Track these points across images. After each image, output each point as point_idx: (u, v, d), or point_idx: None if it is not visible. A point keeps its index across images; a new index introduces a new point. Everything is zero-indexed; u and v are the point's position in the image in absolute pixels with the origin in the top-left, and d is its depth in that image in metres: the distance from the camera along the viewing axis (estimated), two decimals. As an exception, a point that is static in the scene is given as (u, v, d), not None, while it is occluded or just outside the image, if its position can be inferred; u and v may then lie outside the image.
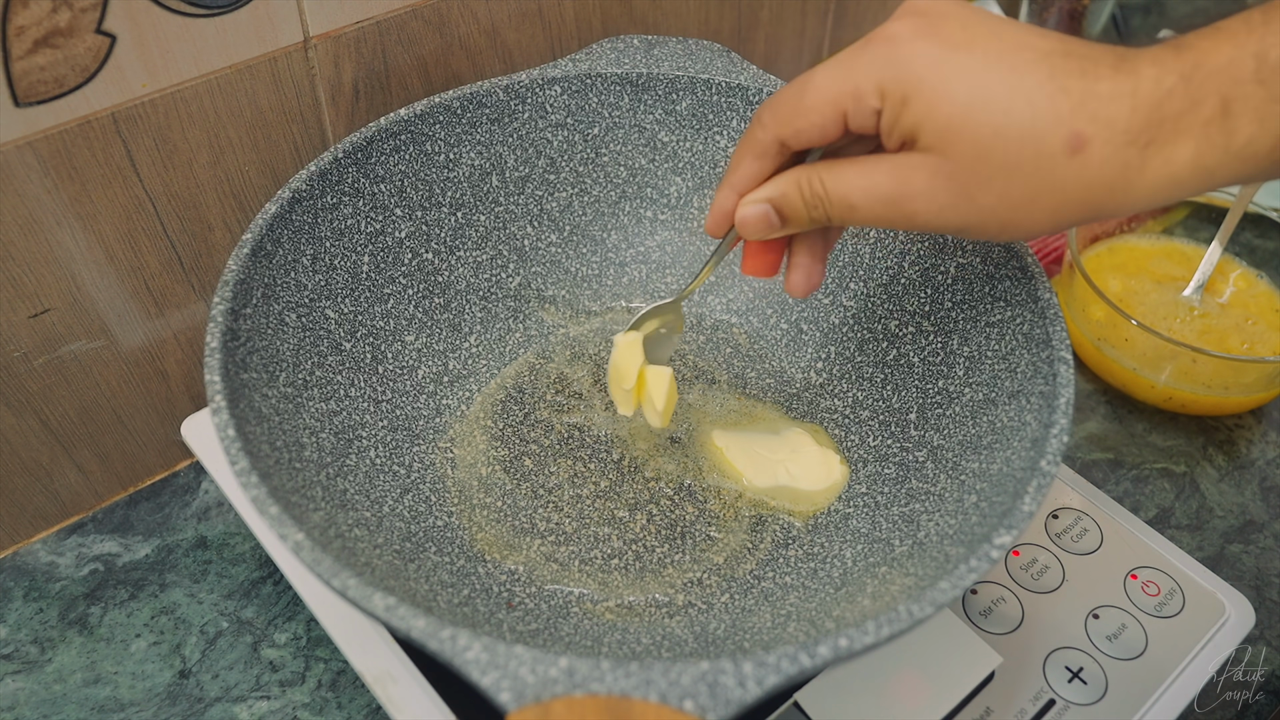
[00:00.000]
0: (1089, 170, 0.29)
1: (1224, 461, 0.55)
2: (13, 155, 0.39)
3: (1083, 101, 0.28)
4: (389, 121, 0.46)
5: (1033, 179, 0.29)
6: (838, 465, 0.46)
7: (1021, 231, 0.31)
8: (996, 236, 0.32)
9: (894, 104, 0.30)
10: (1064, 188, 0.29)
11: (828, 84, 0.32)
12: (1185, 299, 0.59)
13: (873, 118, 0.31)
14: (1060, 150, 0.29)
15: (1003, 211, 0.30)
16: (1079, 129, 0.29)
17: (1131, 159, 0.29)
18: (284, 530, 0.31)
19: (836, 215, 0.34)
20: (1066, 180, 0.29)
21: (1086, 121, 0.28)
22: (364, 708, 0.44)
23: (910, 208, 0.31)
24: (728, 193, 0.37)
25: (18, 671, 0.45)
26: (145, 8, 0.40)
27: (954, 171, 0.30)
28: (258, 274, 0.40)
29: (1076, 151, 0.29)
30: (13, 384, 0.45)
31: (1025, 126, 0.29)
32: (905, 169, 0.31)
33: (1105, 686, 0.41)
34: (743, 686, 0.27)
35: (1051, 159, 0.29)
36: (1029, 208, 0.30)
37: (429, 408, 0.48)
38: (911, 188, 0.31)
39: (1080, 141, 0.29)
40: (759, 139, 0.35)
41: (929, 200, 0.31)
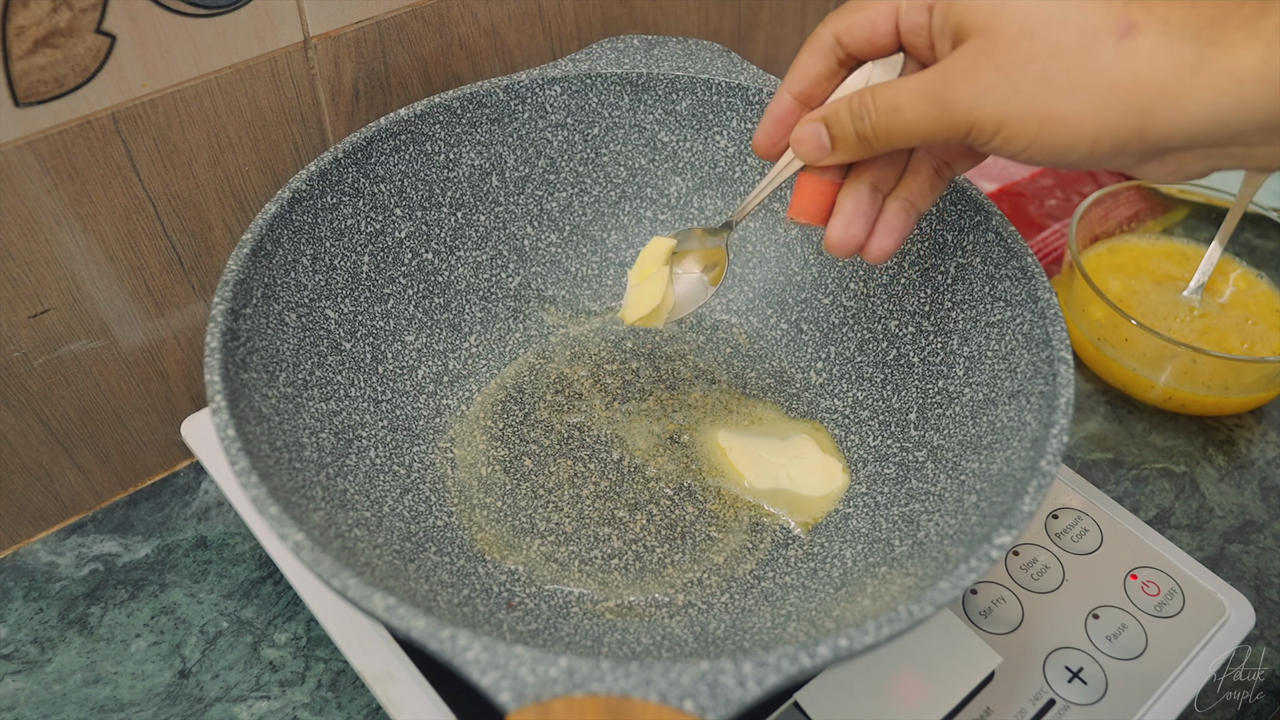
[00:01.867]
0: (1139, 59, 0.27)
1: (1224, 461, 0.55)
2: (13, 155, 0.39)
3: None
4: (389, 121, 0.46)
5: (1077, 61, 0.28)
6: (839, 473, 0.46)
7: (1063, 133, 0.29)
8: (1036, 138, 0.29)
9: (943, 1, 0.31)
10: (1109, 74, 0.27)
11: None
12: (1185, 299, 0.59)
13: (924, 14, 0.32)
14: (1108, 32, 0.27)
15: (1043, 98, 0.28)
16: (1130, 16, 0.27)
17: (1187, 55, 0.27)
18: (284, 530, 0.31)
19: (882, 125, 0.33)
20: (1113, 66, 0.27)
21: (1140, 10, 0.27)
22: (364, 708, 0.44)
23: (952, 95, 0.30)
24: (782, 94, 0.36)
25: (18, 671, 0.45)
26: (145, 8, 0.40)
27: (996, 48, 0.29)
28: (258, 274, 0.40)
29: (1125, 35, 0.27)
30: (13, 384, 0.45)
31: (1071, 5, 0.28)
32: (950, 60, 0.31)
33: (1105, 686, 0.41)
34: (743, 686, 0.27)
35: (1098, 40, 0.27)
36: (1070, 96, 0.28)
37: (429, 408, 0.48)
38: (954, 73, 0.30)
39: (1130, 25, 0.27)
40: (818, 35, 0.35)
41: (971, 82, 0.30)
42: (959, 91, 0.30)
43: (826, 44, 0.35)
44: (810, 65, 0.36)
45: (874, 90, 0.33)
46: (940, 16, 0.31)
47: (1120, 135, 0.28)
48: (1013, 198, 0.70)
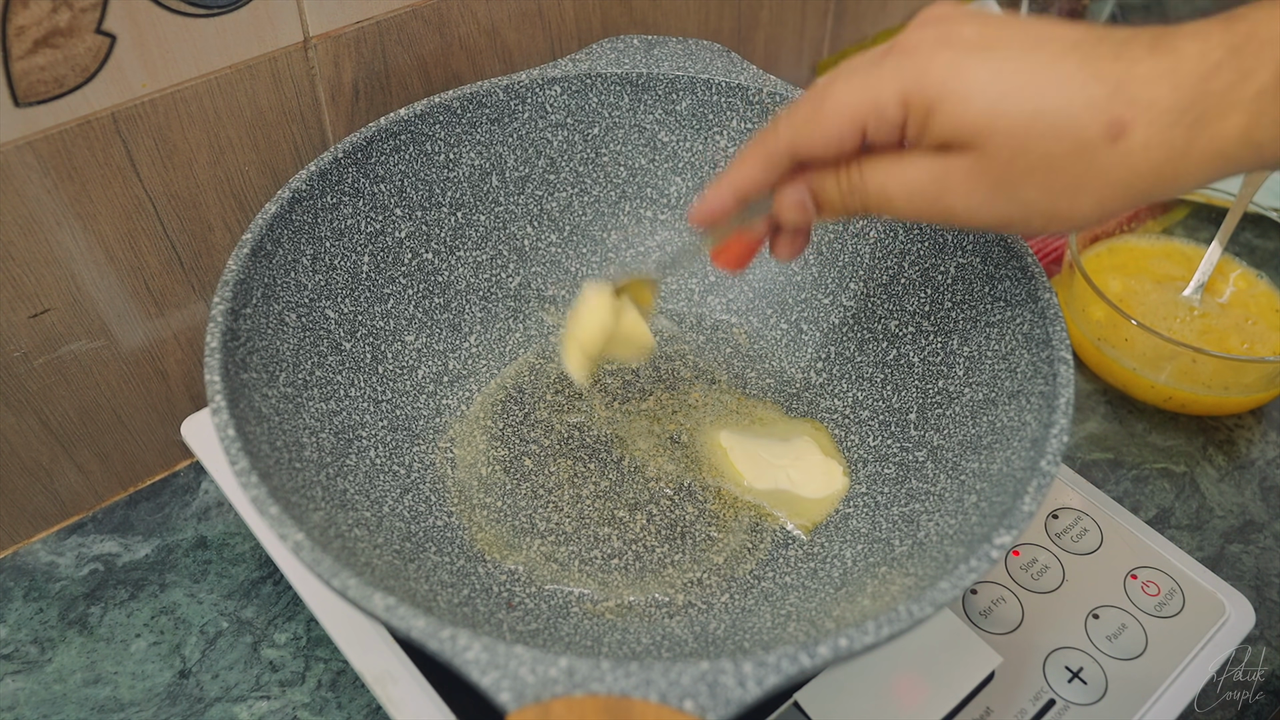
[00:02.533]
0: (1133, 156, 0.28)
1: (1224, 461, 0.55)
2: (13, 155, 0.39)
3: (1120, 86, 0.27)
4: (389, 121, 0.46)
5: (1074, 169, 0.28)
6: (839, 475, 0.46)
7: (1067, 223, 0.30)
8: (1042, 230, 0.30)
9: (919, 114, 0.30)
10: (1109, 176, 0.28)
11: (847, 96, 0.31)
12: (1185, 299, 0.59)
13: (896, 130, 0.31)
14: (1100, 138, 0.28)
15: (1045, 204, 0.29)
16: (1118, 114, 0.27)
17: (1177, 139, 0.27)
18: (284, 530, 0.31)
19: (874, 207, 0.33)
20: (1111, 168, 0.28)
21: (1125, 106, 0.27)
22: (364, 708, 0.44)
23: (948, 204, 0.30)
24: (727, 193, 0.35)
25: (18, 671, 0.45)
26: (145, 8, 0.40)
27: (991, 167, 0.29)
28: (258, 274, 0.40)
29: (1118, 138, 0.27)
30: (13, 384, 0.45)
31: (1060, 116, 0.28)
32: (942, 167, 0.30)
33: (1105, 686, 0.41)
34: (743, 686, 0.27)
35: (1092, 148, 0.28)
36: (1073, 198, 0.29)
37: (429, 408, 0.48)
38: (949, 184, 0.30)
39: (1121, 127, 0.27)
40: (771, 147, 0.33)
41: (967, 196, 0.30)
42: (956, 204, 0.30)
43: (782, 159, 0.34)
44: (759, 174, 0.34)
45: (864, 172, 0.32)
46: (917, 129, 0.30)
47: (1120, 210, 0.29)
48: (1013, 198, 0.70)
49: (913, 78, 0.29)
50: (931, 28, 0.30)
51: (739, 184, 0.35)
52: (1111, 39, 0.28)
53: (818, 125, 0.32)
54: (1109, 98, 0.27)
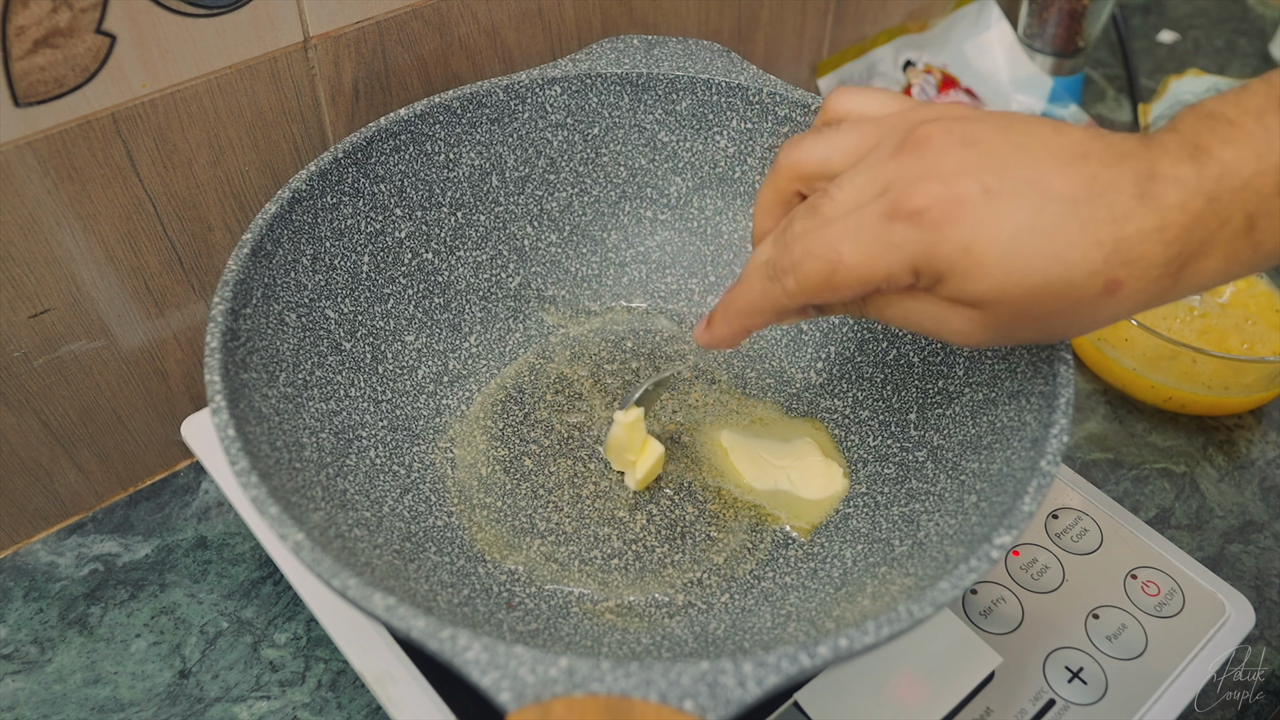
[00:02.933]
0: (1125, 303, 0.30)
1: (1224, 461, 0.55)
2: (13, 155, 0.39)
3: (1115, 249, 0.29)
4: (389, 121, 0.46)
5: (1070, 319, 0.31)
6: (839, 477, 0.46)
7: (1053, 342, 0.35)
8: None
9: (928, 279, 0.31)
10: (1098, 319, 0.31)
11: (858, 265, 0.31)
12: (1185, 299, 0.59)
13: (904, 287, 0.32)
14: (1099, 295, 0.29)
15: (1039, 338, 0.32)
16: (1114, 276, 0.29)
17: (1164, 284, 0.29)
18: (284, 530, 0.31)
19: (870, 317, 0.35)
20: (1102, 315, 0.30)
21: (1120, 267, 0.29)
22: (364, 708, 0.44)
23: (945, 337, 0.33)
24: (739, 330, 0.37)
25: (18, 671, 0.45)
26: (145, 8, 0.40)
27: (992, 321, 0.31)
28: (258, 274, 0.40)
29: (1113, 294, 0.29)
30: (13, 384, 0.45)
31: (1063, 285, 0.29)
32: (944, 313, 0.32)
33: (1105, 686, 0.41)
34: (743, 686, 0.27)
35: (1091, 304, 0.30)
36: (1064, 331, 0.32)
37: (429, 408, 0.48)
38: (948, 326, 0.32)
39: (1116, 285, 0.29)
40: (784, 304, 0.34)
41: (964, 338, 0.32)
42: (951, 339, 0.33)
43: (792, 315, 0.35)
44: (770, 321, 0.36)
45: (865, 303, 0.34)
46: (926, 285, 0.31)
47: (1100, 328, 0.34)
48: (1013, 198, 0.70)
49: (923, 253, 0.30)
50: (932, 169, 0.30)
51: (752, 327, 0.37)
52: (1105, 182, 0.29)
53: (832, 291, 0.32)
54: (1106, 262, 0.29)
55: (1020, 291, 0.30)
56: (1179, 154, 0.29)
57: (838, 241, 0.32)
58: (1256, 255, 0.29)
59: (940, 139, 0.31)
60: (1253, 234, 0.29)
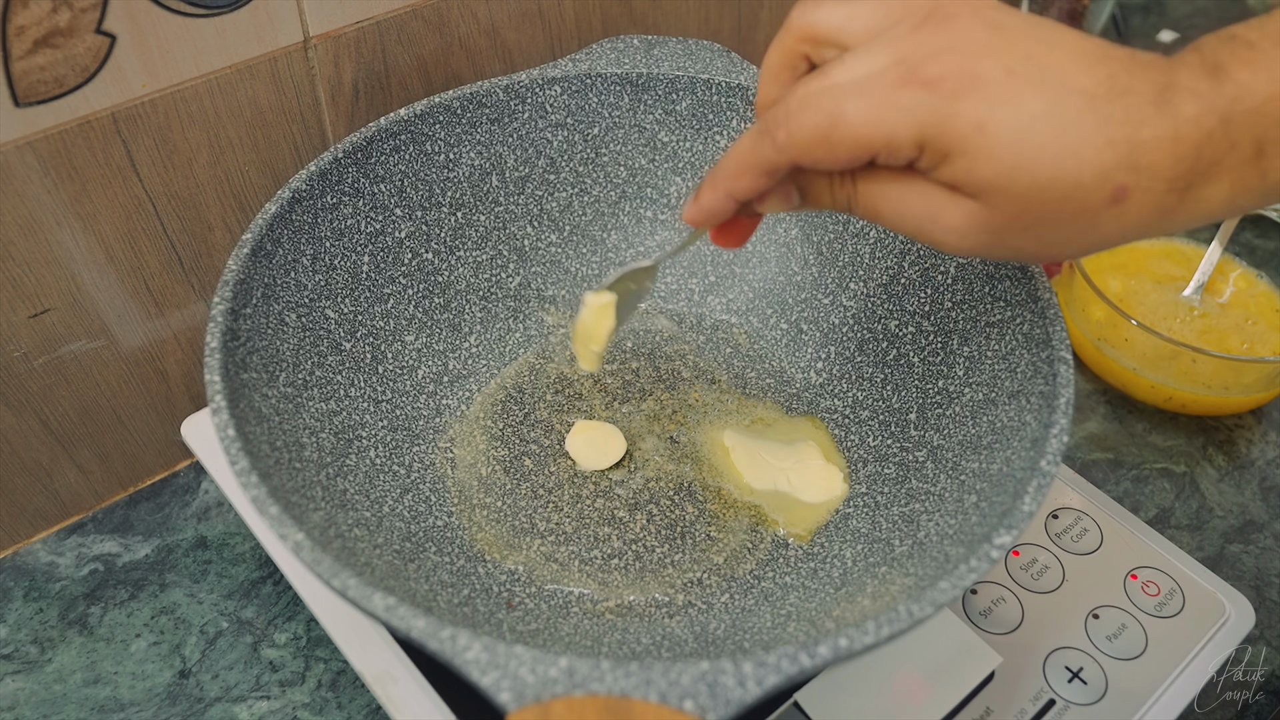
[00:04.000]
0: (1127, 217, 0.29)
1: (1224, 461, 0.55)
2: (13, 155, 0.39)
3: (1128, 153, 0.28)
4: (389, 121, 0.46)
5: (1070, 227, 0.29)
6: (839, 482, 0.46)
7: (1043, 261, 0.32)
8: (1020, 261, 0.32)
9: (933, 156, 0.29)
10: (1100, 232, 0.30)
11: (860, 123, 0.29)
12: (1185, 299, 0.59)
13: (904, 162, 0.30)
14: (1104, 203, 0.28)
15: (1032, 250, 0.31)
16: (1122, 182, 0.28)
17: (1169, 203, 0.29)
18: (284, 530, 0.31)
19: (859, 212, 0.33)
20: (1103, 226, 0.29)
21: (1129, 173, 0.28)
22: (364, 708, 0.44)
23: (937, 236, 0.31)
24: (724, 198, 0.34)
25: (18, 671, 0.45)
26: (145, 8, 0.40)
27: (992, 219, 0.30)
28: (258, 274, 0.40)
29: (1118, 202, 0.28)
30: (13, 384, 0.45)
31: (1071, 184, 0.28)
32: (940, 201, 0.30)
33: (1105, 686, 0.41)
34: (743, 686, 0.27)
35: (1095, 211, 0.29)
36: (1061, 248, 0.30)
37: (429, 408, 0.48)
38: (943, 220, 0.30)
39: (1123, 193, 0.28)
40: (773, 161, 0.32)
41: (959, 236, 0.30)
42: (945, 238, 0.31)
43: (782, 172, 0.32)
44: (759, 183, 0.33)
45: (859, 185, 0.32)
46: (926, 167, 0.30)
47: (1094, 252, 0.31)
48: (1013, 198, 0.70)
49: (934, 123, 0.28)
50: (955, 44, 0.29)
51: (737, 191, 0.34)
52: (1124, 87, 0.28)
53: (826, 149, 0.30)
54: (1117, 165, 0.28)
55: (1027, 183, 0.28)
56: (1199, 70, 0.28)
57: (842, 98, 0.30)
58: (1264, 185, 0.29)
59: (967, 18, 0.29)
60: (1261, 161, 0.28)
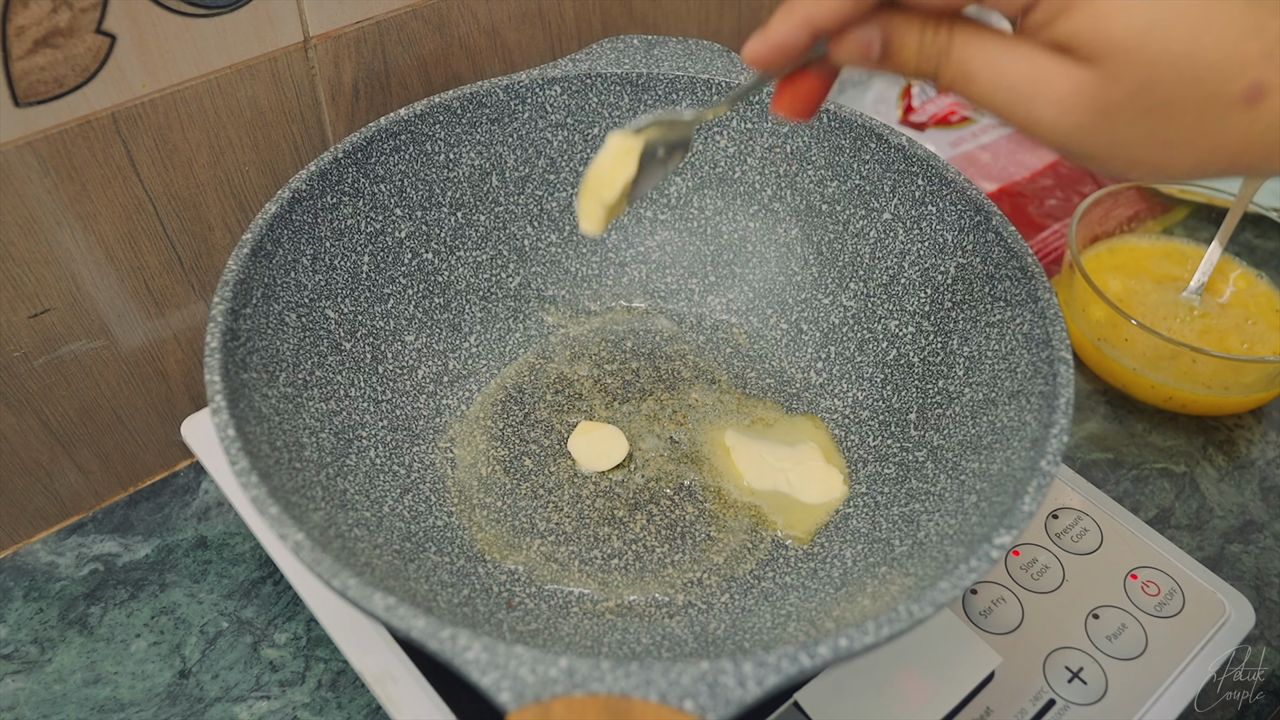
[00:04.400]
0: (1259, 124, 0.25)
1: (1224, 461, 0.55)
2: (13, 155, 0.39)
3: (1276, 46, 0.25)
4: (389, 121, 0.46)
5: (1195, 122, 0.26)
6: (839, 485, 0.46)
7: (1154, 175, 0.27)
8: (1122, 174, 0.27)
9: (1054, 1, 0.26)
10: (1225, 137, 0.26)
11: None
12: (1185, 299, 0.59)
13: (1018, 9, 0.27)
14: (1236, 98, 0.25)
15: (1142, 151, 0.27)
16: (1262, 78, 0.25)
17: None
18: (284, 530, 0.31)
19: (948, 77, 0.29)
20: (1231, 130, 0.26)
21: (1273, 71, 0.25)
22: (364, 708, 0.44)
23: (1036, 112, 0.27)
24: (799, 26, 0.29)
25: (18, 671, 0.45)
26: (145, 8, 0.40)
27: (1108, 93, 0.26)
28: (258, 274, 0.40)
29: (1252, 102, 0.25)
30: (13, 384, 0.45)
31: (1206, 65, 0.25)
32: (1049, 68, 0.26)
33: (1105, 686, 0.41)
34: (743, 686, 0.27)
35: (1224, 106, 0.25)
36: (1176, 151, 0.26)
37: (429, 408, 0.48)
38: (1047, 91, 0.26)
39: (1259, 92, 0.25)
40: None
41: (1061, 112, 0.27)
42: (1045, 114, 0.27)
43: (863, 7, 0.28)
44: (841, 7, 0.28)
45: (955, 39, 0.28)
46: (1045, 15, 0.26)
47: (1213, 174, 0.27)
48: (1013, 198, 0.70)
49: None
50: None
51: (817, 17, 0.29)
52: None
53: None
54: (1261, 57, 0.25)
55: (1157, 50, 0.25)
56: None
57: None
58: None
59: None
60: None
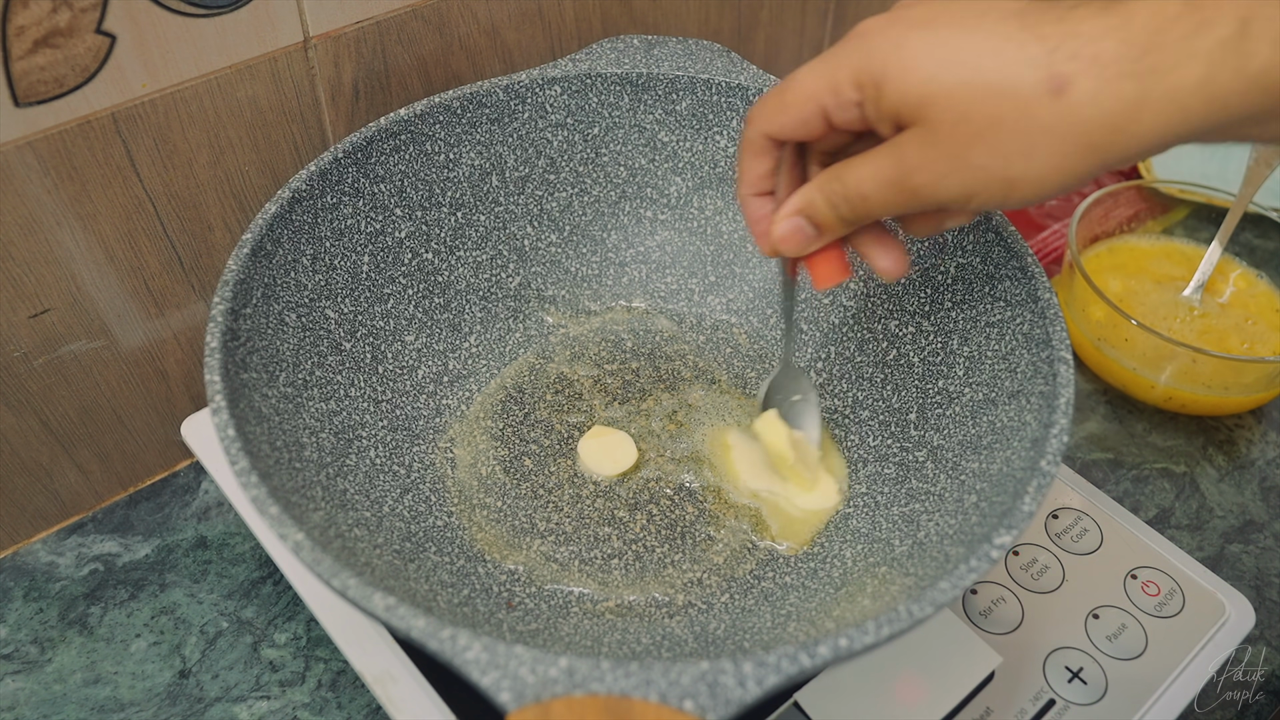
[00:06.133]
0: (1081, 109, 0.27)
1: (1224, 461, 0.55)
2: (13, 155, 0.39)
3: (1060, 44, 0.27)
4: (389, 121, 0.46)
5: (1020, 128, 0.28)
6: (834, 493, 0.46)
7: (1032, 188, 0.30)
8: (1008, 197, 0.30)
9: (871, 93, 0.31)
10: (1056, 131, 0.28)
11: (807, 81, 0.33)
12: (1185, 299, 0.59)
13: (855, 110, 0.32)
14: (1041, 94, 0.28)
15: (1000, 168, 0.29)
16: (1058, 70, 0.27)
17: (1128, 91, 0.27)
18: (284, 530, 0.31)
19: (859, 209, 0.33)
20: (1056, 123, 0.28)
21: (1066, 61, 0.27)
22: (364, 708, 0.44)
23: (913, 183, 0.31)
24: (745, 195, 0.38)
25: (18, 671, 0.45)
26: (145, 8, 0.40)
27: (940, 137, 0.30)
28: (258, 274, 0.40)
29: (1060, 92, 0.27)
30: (13, 384, 0.45)
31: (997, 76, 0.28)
32: (900, 146, 0.31)
33: (1105, 686, 0.41)
34: (743, 686, 0.27)
35: (1035, 104, 0.28)
36: (1026, 159, 0.29)
37: (429, 408, 0.48)
38: (908, 163, 0.31)
39: (1061, 81, 0.27)
40: (749, 138, 0.36)
41: (927, 171, 0.30)
42: (918, 181, 0.31)
43: (761, 145, 0.36)
44: (755, 165, 0.37)
45: (842, 179, 0.33)
46: (873, 109, 0.31)
47: (1083, 171, 0.29)
48: (1013, 198, 0.70)
49: (861, 57, 0.31)
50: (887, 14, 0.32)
51: (749, 183, 0.37)
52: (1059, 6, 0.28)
53: (783, 110, 0.34)
54: (1049, 54, 0.27)
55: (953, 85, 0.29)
56: None
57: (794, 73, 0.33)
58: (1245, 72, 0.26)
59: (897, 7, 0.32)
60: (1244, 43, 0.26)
